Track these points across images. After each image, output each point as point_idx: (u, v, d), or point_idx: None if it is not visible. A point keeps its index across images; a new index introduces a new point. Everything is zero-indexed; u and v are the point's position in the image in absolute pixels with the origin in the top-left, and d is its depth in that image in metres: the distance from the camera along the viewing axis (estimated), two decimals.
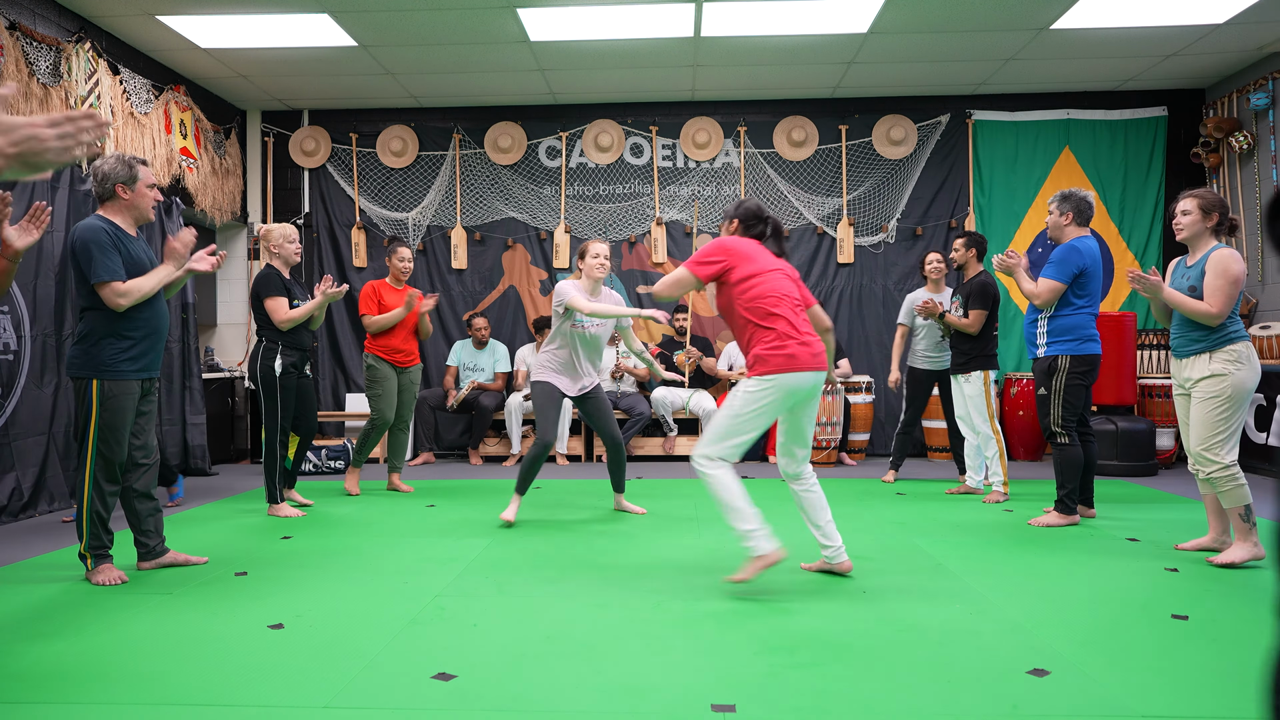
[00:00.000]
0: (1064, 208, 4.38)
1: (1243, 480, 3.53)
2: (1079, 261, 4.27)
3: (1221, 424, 3.54)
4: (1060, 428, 4.35)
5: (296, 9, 5.51)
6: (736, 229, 3.43)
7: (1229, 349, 3.55)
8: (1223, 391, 3.53)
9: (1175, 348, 3.74)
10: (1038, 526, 4.37)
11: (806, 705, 2.19)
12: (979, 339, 5.18)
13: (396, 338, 5.50)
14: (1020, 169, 7.40)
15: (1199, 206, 3.67)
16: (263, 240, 4.85)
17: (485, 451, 7.27)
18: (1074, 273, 4.28)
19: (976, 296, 5.16)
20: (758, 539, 3.11)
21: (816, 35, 6.08)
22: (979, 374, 5.17)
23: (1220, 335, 3.57)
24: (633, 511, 4.70)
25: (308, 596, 3.18)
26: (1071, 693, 2.26)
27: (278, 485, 4.75)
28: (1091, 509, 4.59)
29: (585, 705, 2.20)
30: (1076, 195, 4.38)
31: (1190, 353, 3.66)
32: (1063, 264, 4.29)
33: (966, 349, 5.22)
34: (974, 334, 5.15)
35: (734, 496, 3.13)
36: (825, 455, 6.71)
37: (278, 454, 4.75)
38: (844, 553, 3.39)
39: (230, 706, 2.19)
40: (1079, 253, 4.28)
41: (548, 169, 7.68)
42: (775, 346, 3.13)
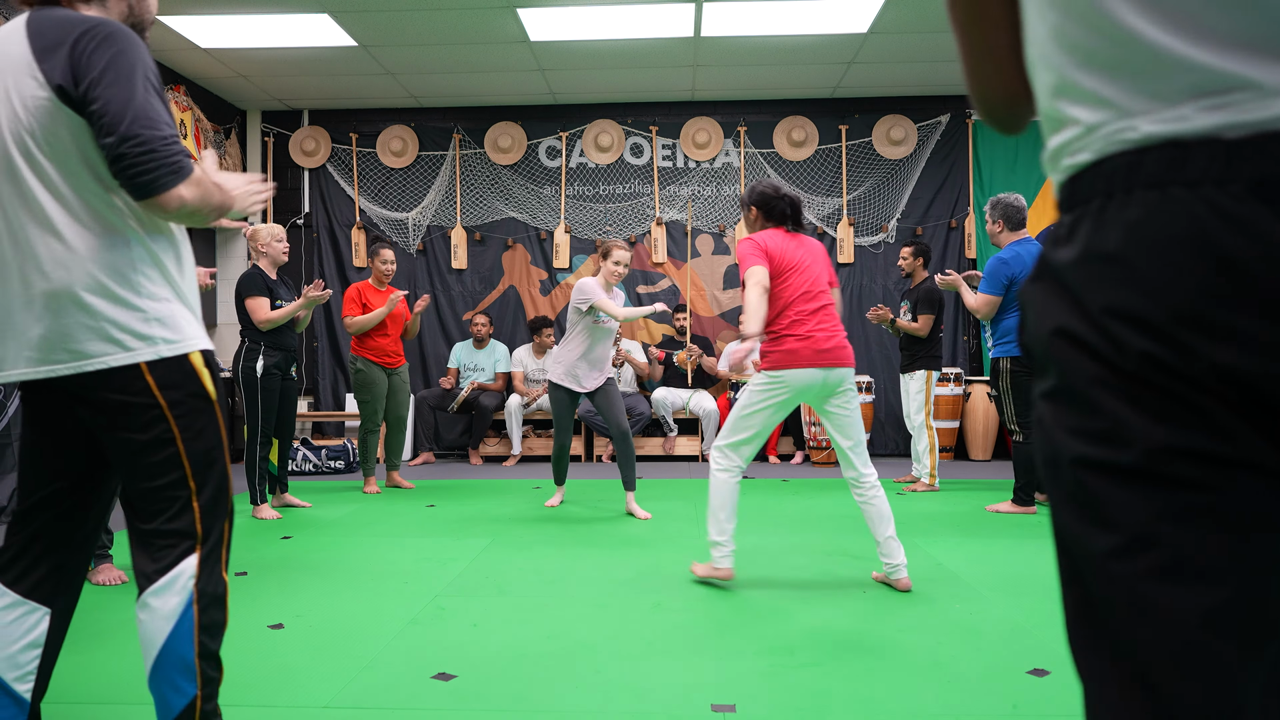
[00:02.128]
0: (994, 215, 4.71)
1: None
2: (1007, 272, 4.60)
3: None
4: (1015, 424, 4.65)
5: (296, 9, 5.51)
6: (757, 219, 3.32)
7: None
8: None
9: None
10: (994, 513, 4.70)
11: (806, 705, 2.19)
12: (926, 341, 5.48)
13: (387, 339, 5.51)
14: (1020, 169, 7.40)
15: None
16: (251, 240, 4.84)
17: (485, 451, 7.27)
18: (1004, 283, 4.60)
19: (924, 302, 5.46)
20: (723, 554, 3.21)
21: (816, 35, 6.08)
22: (923, 373, 5.47)
23: None
24: (638, 515, 4.68)
25: (308, 596, 3.18)
26: (1071, 693, 2.26)
27: (258, 486, 4.75)
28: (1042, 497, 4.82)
29: (585, 705, 2.20)
30: (1004, 201, 4.70)
31: None
32: (992, 277, 4.63)
33: (914, 350, 5.51)
34: (923, 337, 5.44)
35: (724, 504, 3.18)
36: (825, 455, 6.71)
37: (258, 455, 4.74)
38: (903, 570, 3.19)
39: (230, 706, 2.19)
40: (1006, 263, 4.60)
41: (548, 169, 7.68)
42: (775, 342, 3.15)
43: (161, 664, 1.60)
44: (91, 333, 1.55)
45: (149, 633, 1.61)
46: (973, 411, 7.05)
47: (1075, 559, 0.72)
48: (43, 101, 1.52)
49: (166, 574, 1.61)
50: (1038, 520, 4.53)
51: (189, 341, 1.64)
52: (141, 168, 1.51)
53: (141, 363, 1.58)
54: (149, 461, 1.61)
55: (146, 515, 1.63)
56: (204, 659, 1.64)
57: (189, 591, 1.61)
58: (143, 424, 1.59)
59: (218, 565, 1.68)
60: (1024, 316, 0.77)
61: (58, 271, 1.55)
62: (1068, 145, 0.73)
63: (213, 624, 1.65)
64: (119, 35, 1.55)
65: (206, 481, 1.66)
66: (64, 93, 1.52)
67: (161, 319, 1.61)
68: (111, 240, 1.58)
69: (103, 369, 1.56)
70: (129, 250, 1.60)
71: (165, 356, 1.60)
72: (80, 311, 1.55)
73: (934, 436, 5.48)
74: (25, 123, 1.54)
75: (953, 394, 6.92)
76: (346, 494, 5.58)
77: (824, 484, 5.90)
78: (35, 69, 1.52)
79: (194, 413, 1.64)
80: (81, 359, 1.56)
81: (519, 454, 7.07)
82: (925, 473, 5.50)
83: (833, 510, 4.87)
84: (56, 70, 1.51)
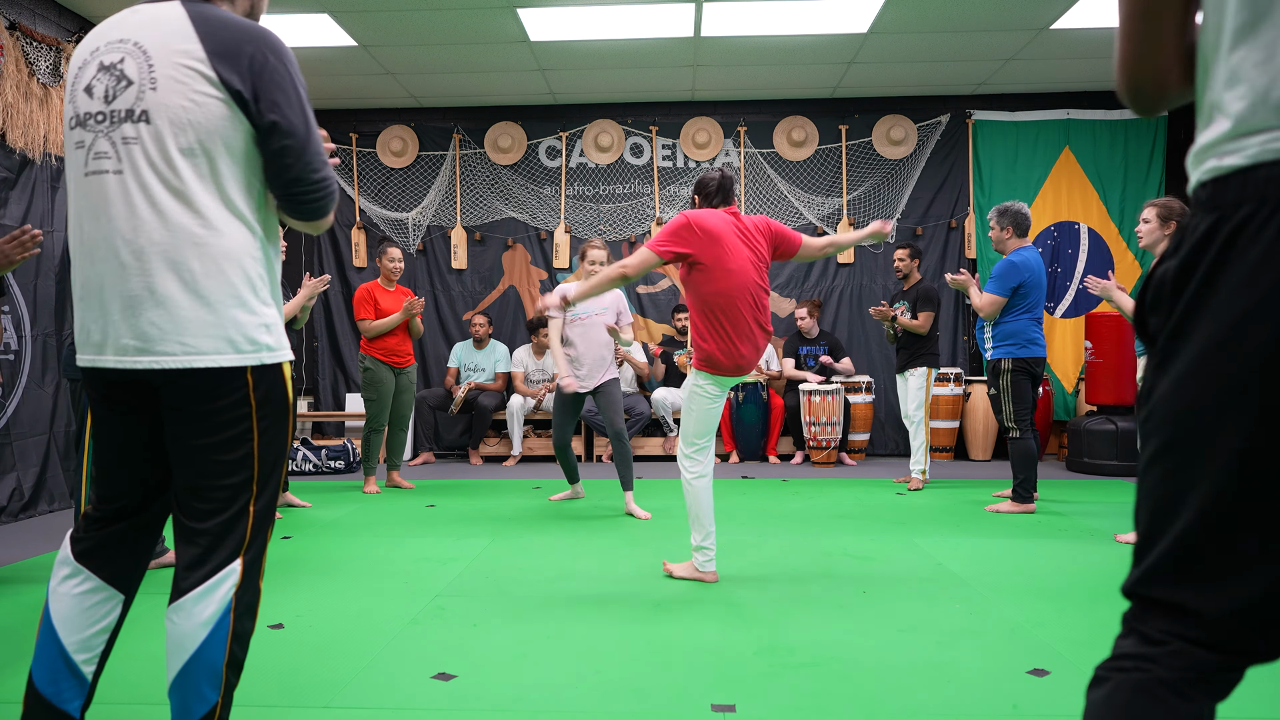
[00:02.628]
0: (1003, 222, 4.79)
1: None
2: (1018, 276, 4.68)
3: None
4: (1013, 423, 4.73)
5: (296, 9, 5.51)
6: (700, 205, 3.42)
7: None
8: None
9: (1140, 349, 4.13)
10: (994, 513, 4.72)
11: (806, 705, 2.19)
12: (925, 339, 5.57)
13: (394, 339, 5.55)
14: (1020, 169, 7.39)
15: (1157, 215, 3.99)
16: None
17: (485, 451, 7.27)
18: (1013, 286, 4.69)
19: (923, 300, 5.58)
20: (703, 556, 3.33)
21: (816, 35, 6.08)
22: (923, 370, 5.55)
23: None
24: (638, 515, 4.68)
25: (308, 596, 3.18)
26: (1071, 693, 2.26)
27: None
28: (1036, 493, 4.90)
29: (585, 705, 2.20)
30: (1013, 209, 4.79)
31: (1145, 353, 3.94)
32: (1002, 279, 4.71)
33: (914, 348, 5.60)
34: (923, 334, 5.52)
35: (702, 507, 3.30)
36: (825, 455, 6.70)
37: None
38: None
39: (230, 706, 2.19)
40: (1017, 268, 4.68)
41: (548, 169, 7.68)
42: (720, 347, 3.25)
43: (190, 670, 1.58)
44: (212, 330, 1.56)
45: (181, 638, 1.58)
46: (973, 411, 7.06)
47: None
48: (217, 103, 1.53)
49: (210, 578, 1.59)
50: (1038, 520, 4.53)
51: (285, 351, 1.69)
52: (316, 195, 1.63)
53: (249, 367, 1.60)
54: (222, 459, 1.60)
55: (201, 514, 1.61)
56: (231, 667, 1.62)
57: (229, 599, 1.59)
58: (229, 423, 1.59)
59: (258, 573, 1.68)
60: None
61: (196, 265, 1.55)
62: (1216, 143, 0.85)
63: (245, 632, 1.64)
64: (287, 51, 1.62)
65: (266, 488, 1.66)
66: (241, 100, 1.54)
67: (269, 326, 1.65)
68: (247, 244, 1.61)
69: (213, 368, 1.56)
70: (259, 256, 1.64)
71: (267, 363, 1.63)
72: (206, 308, 1.56)
73: (929, 433, 5.62)
74: (194, 120, 1.53)
75: (953, 394, 6.92)
76: (346, 494, 5.58)
77: (824, 484, 5.90)
78: (208, 67, 1.53)
79: (275, 418, 1.65)
80: (195, 354, 1.55)
81: (519, 454, 7.07)
82: (919, 469, 5.61)
83: (833, 510, 4.87)
84: (236, 77, 1.54)
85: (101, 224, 1.57)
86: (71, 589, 1.67)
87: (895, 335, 5.71)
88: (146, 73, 1.54)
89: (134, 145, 1.54)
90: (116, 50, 1.56)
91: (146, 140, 1.54)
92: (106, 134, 1.56)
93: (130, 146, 1.54)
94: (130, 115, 1.54)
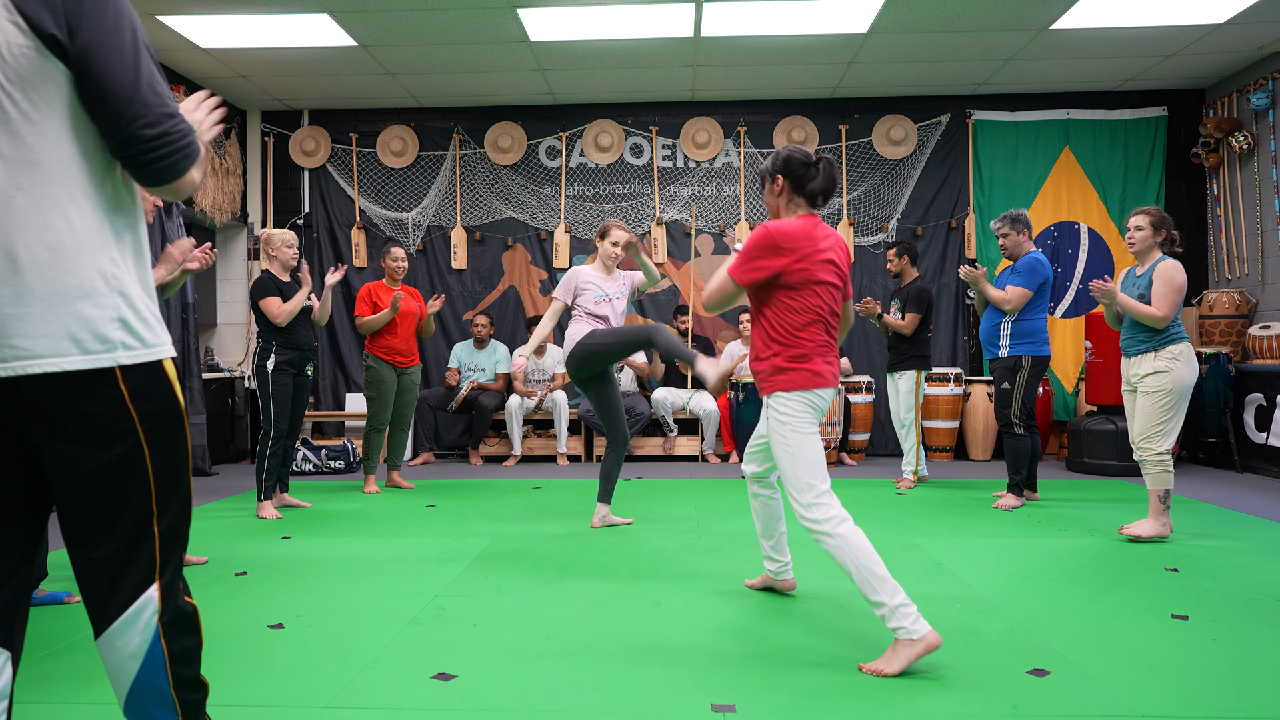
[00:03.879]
0: (1018, 227, 4.93)
1: (1170, 468, 4.00)
2: (1045, 273, 4.81)
3: (1164, 416, 3.99)
4: (1019, 419, 4.85)
5: (296, 9, 5.51)
6: (784, 189, 2.78)
7: (1171, 349, 4.01)
8: (1165, 386, 3.98)
9: (1125, 348, 4.19)
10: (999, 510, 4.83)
11: (806, 705, 2.19)
12: (914, 340, 5.57)
13: (397, 338, 5.54)
14: (1020, 169, 7.40)
15: (1150, 223, 4.15)
16: (263, 244, 4.89)
17: (485, 451, 7.27)
18: (1040, 282, 4.80)
19: (913, 300, 5.55)
20: (910, 616, 2.41)
21: (816, 35, 6.08)
22: (912, 372, 5.58)
23: (1164, 336, 4.03)
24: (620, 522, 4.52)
25: (308, 596, 3.18)
26: (1071, 693, 2.26)
27: (264, 483, 4.77)
28: (1035, 493, 5.12)
29: (585, 705, 2.20)
30: (1023, 215, 4.94)
31: (1137, 352, 4.11)
32: (1030, 274, 4.81)
33: (903, 349, 5.61)
34: (908, 335, 5.54)
35: (871, 559, 2.46)
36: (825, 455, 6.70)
37: (268, 451, 4.75)
38: (790, 569, 3.18)
39: (230, 706, 2.19)
40: (1043, 265, 4.82)
41: (548, 169, 7.67)
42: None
43: (136, 700, 1.44)
44: (61, 327, 1.32)
45: (115, 672, 1.43)
46: (973, 411, 7.05)
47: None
48: (27, 50, 1.29)
49: (125, 611, 1.41)
50: (1038, 519, 4.53)
51: (162, 347, 1.43)
52: (158, 152, 1.35)
53: (115, 367, 1.35)
54: (109, 480, 1.37)
55: (96, 542, 1.40)
56: (180, 688, 1.47)
57: (153, 628, 1.43)
58: (108, 438, 1.36)
59: (177, 591, 1.48)
60: None
61: (28, 251, 1.31)
62: None
63: (184, 651, 1.48)
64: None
65: (169, 504, 1.44)
66: (55, 45, 1.30)
67: (140, 318, 1.39)
68: (95, 220, 1.36)
69: (72, 370, 1.32)
70: (112, 234, 1.38)
71: (140, 362, 1.38)
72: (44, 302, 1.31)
73: (920, 434, 5.72)
74: (9, 73, 1.29)
75: (953, 394, 6.92)
76: (346, 494, 5.58)
77: None
78: (11, 10, 1.28)
79: (165, 425, 1.42)
80: (43, 357, 1.31)
81: (519, 454, 7.07)
82: (911, 470, 5.68)
83: None
84: (46, 16, 1.29)
85: None
86: None
87: (886, 331, 5.74)
88: None
89: None
90: None
91: None
92: None
93: None
94: None
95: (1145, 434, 4.03)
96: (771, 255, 2.65)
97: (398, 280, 5.64)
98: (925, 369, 5.60)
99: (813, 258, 2.66)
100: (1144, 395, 4.05)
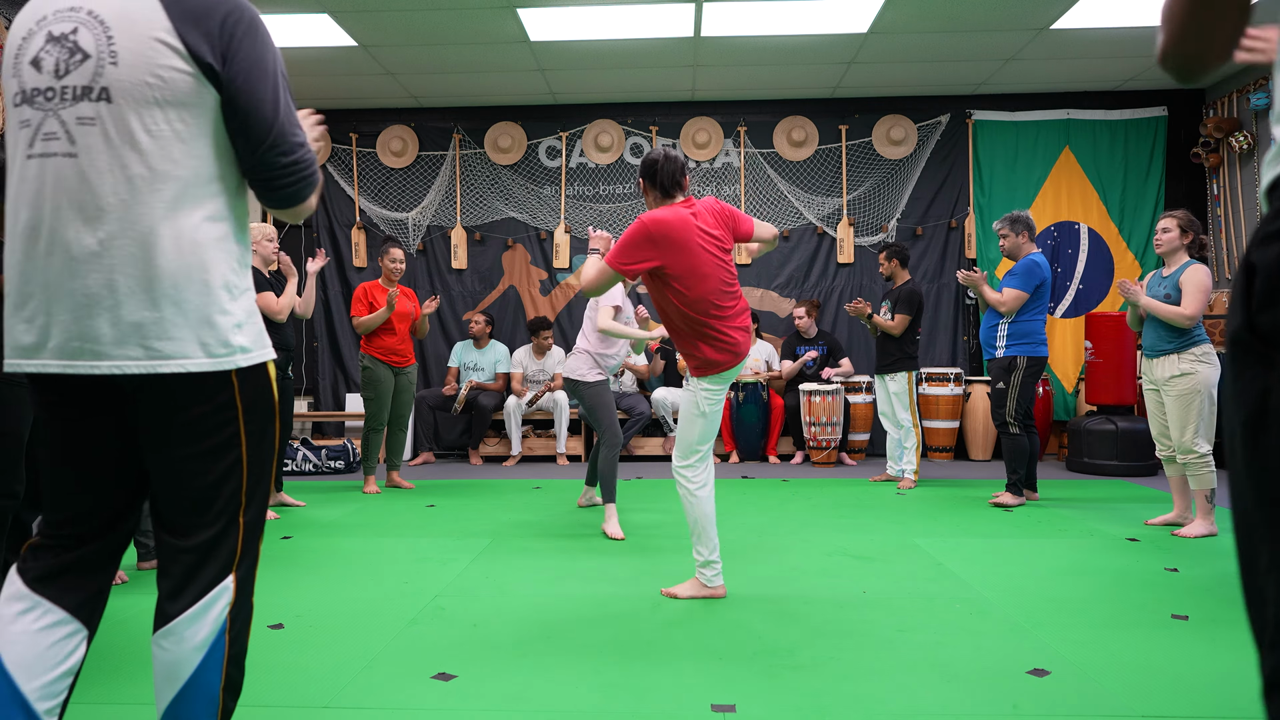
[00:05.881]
0: (1017, 228, 4.96)
1: (1213, 467, 4.06)
2: (1041, 275, 4.83)
3: (1196, 416, 4.05)
4: (1014, 419, 4.89)
5: (296, 9, 5.51)
6: (646, 189, 3.13)
7: (1194, 350, 4.08)
8: (1193, 387, 4.05)
9: (1147, 349, 4.25)
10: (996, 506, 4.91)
11: (806, 705, 2.19)
12: (903, 341, 5.62)
13: (393, 338, 5.54)
14: (1020, 169, 7.40)
15: (1178, 225, 4.22)
16: None
17: (485, 451, 7.27)
18: (1036, 284, 4.82)
19: (904, 302, 5.61)
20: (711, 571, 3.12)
21: (816, 35, 6.08)
22: (903, 374, 5.64)
23: (1187, 339, 4.09)
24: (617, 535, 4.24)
25: (307, 596, 3.18)
26: (1071, 693, 2.26)
27: None
28: (1035, 492, 5.12)
29: (585, 705, 2.20)
30: (1022, 217, 4.95)
31: (1160, 353, 4.17)
32: (1028, 276, 4.83)
33: (892, 350, 5.66)
34: (897, 336, 5.60)
35: (709, 520, 3.11)
36: (825, 455, 6.70)
37: None
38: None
39: None
40: (1041, 267, 4.84)
41: (548, 169, 7.68)
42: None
43: (185, 699, 1.45)
44: (191, 332, 1.41)
45: (173, 665, 1.44)
46: (973, 411, 7.05)
47: None
48: (185, 76, 1.39)
49: (202, 598, 1.46)
50: (1038, 519, 4.53)
51: (267, 350, 1.55)
52: (289, 178, 1.48)
53: (233, 370, 1.46)
54: (208, 470, 1.47)
55: (188, 529, 1.48)
56: (227, 691, 1.49)
57: (223, 619, 1.47)
58: (212, 430, 1.46)
59: (251, 588, 1.54)
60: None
61: (166, 260, 1.39)
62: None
63: (240, 653, 1.51)
64: (260, 23, 1.46)
65: (255, 496, 1.53)
66: (211, 73, 1.40)
67: (251, 324, 1.51)
68: (223, 234, 1.46)
69: (197, 372, 1.42)
70: (235, 247, 1.49)
71: (252, 364, 1.50)
72: (177, 307, 1.40)
73: (920, 435, 5.78)
74: (159, 95, 1.39)
75: (952, 394, 6.92)
76: (346, 494, 5.58)
77: (824, 484, 5.90)
78: (173, 36, 1.37)
79: (260, 421, 1.53)
80: (169, 359, 1.40)
81: (519, 454, 7.08)
82: (911, 469, 5.70)
83: (833, 510, 4.87)
84: (204, 46, 1.39)
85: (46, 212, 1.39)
86: (28, 625, 1.43)
87: (875, 331, 5.78)
88: (105, 45, 1.38)
89: (90, 126, 1.38)
90: (67, 20, 1.40)
91: (106, 120, 1.38)
92: (56, 112, 1.39)
93: (86, 127, 1.38)
94: (88, 93, 1.38)
95: (1184, 435, 4.07)
96: (648, 248, 2.93)
97: (394, 280, 5.64)
98: (915, 369, 5.66)
99: (691, 240, 2.94)
100: (1173, 399, 4.10)
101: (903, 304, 5.60)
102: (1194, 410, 4.04)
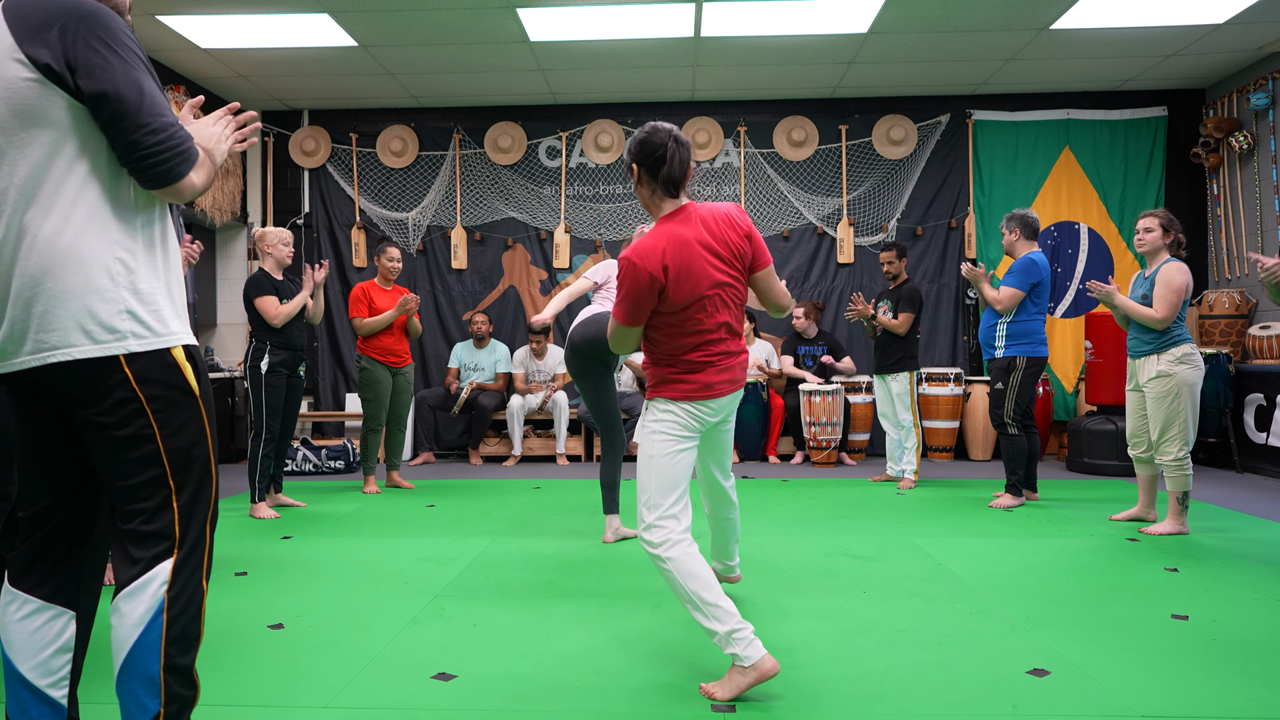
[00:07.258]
0: (1012, 225, 4.94)
1: (1189, 471, 4.09)
2: (1037, 274, 4.80)
3: (1175, 419, 4.06)
4: (1012, 419, 4.89)
5: (296, 9, 5.51)
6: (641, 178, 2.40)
7: (1173, 351, 4.08)
8: (1171, 390, 4.06)
9: (1130, 349, 4.29)
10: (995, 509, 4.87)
11: (806, 705, 2.19)
12: (905, 341, 5.61)
13: (390, 338, 5.55)
14: (1020, 169, 7.40)
15: (1159, 225, 4.21)
16: (258, 242, 4.88)
17: (485, 451, 7.27)
18: (1033, 283, 4.80)
19: (907, 301, 5.61)
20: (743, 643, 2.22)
21: (816, 35, 6.08)
22: (905, 374, 5.62)
23: (1166, 339, 4.10)
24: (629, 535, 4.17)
25: (307, 596, 3.18)
26: (1071, 693, 2.26)
27: (257, 485, 4.77)
28: (1035, 492, 5.12)
29: (585, 705, 2.20)
30: (1021, 215, 4.93)
31: (1142, 354, 4.20)
32: (1024, 275, 4.81)
33: (894, 350, 5.64)
34: (902, 335, 5.58)
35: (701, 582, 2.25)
36: (825, 455, 6.70)
37: (260, 453, 4.74)
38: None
39: (230, 706, 2.20)
40: (1037, 266, 4.81)
41: (548, 169, 7.67)
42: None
43: (126, 674, 1.54)
44: (71, 321, 1.49)
45: (117, 638, 1.55)
46: (973, 411, 7.05)
47: None
48: (35, 85, 1.48)
49: (139, 578, 1.54)
50: (1038, 519, 4.53)
51: (171, 335, 1.59)
52: (157, 158, 1.52)
53: (122, 355, 1.52)
54: (126, 458, 1.55)
55: (124, 515, 1.58)
56: (171, 673, 1.55)
57: (160, 598, 1.54)
58: (121, 421, 1.53)
59: (197, 572, 1.60)
60: None
61: (40, 256, 1.49)
62: None
63: (184, 636, 1.57)
64: (103, 17, 1.52)
65: (186, 481, 1.59)
66: (59, 78, 1.48)
67: (148, 308, 1.56)
68: (103, 222, 1.53)
69: (82, 359, 1.50)
70: (119, 235, 1.55)
71: (145, 350, 1.55)
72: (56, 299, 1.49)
73: (920, 435, 5.79)
74: (17, 108, 1.49)
75: (952, 394, 6.92)
76: (346, 494, 5.58)
77: (824, 484, 5.90)
78: (19, 53, 1.47)
79: (173, 407, 1.57)
80: (55, 349, 1.50)
81: (519, 454, 7.07)
82: (912, 469, 5.70)
83: (833, 510, 4.87)
84: (47, 56, 1.47)
85: None
86: (13, 615, 1.61)
87: (875, 332, 5.76)
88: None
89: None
90: None
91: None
92: None
93: None
94: None
95: (1160, 439, 4.09)
96: (647, 292, 2.31)
97: (391, 280, 5.64)
98: (916, 369, 5.66)
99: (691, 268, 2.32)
100: (1153, 400, 4.11)
101: (906, 302, 5.59)
102: (1171, 412, 4.05)
